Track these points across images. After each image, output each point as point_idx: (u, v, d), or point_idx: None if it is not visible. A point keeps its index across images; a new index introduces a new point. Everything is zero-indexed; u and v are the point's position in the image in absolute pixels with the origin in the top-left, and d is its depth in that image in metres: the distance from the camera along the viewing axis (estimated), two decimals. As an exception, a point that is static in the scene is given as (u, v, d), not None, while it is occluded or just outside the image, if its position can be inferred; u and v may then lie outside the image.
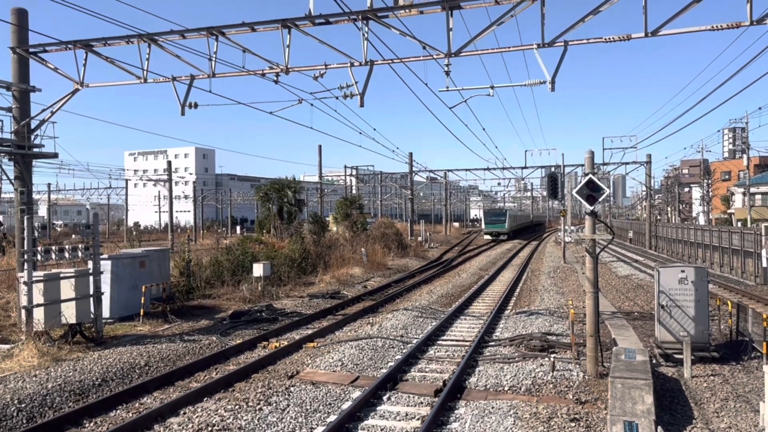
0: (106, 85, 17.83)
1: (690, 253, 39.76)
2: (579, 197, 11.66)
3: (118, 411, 10.05)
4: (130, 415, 9.82)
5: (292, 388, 11.03)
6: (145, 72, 16.25)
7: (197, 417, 9.55)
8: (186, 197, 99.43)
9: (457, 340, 15.39)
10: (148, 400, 10.63)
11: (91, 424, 9.42)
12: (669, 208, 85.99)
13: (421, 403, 10.33)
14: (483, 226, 73.39)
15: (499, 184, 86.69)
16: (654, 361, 12.35)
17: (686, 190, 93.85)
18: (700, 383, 11.12)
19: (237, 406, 10.02)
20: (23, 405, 9.90)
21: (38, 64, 17.07)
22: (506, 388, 10.94)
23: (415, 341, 14.85)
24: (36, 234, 15.00)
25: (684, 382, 11.21)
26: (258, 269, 23.35)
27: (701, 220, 73.81)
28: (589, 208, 11.66)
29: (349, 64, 15.55)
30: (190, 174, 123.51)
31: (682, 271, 12.72)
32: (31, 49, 16.68)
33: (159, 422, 9.35)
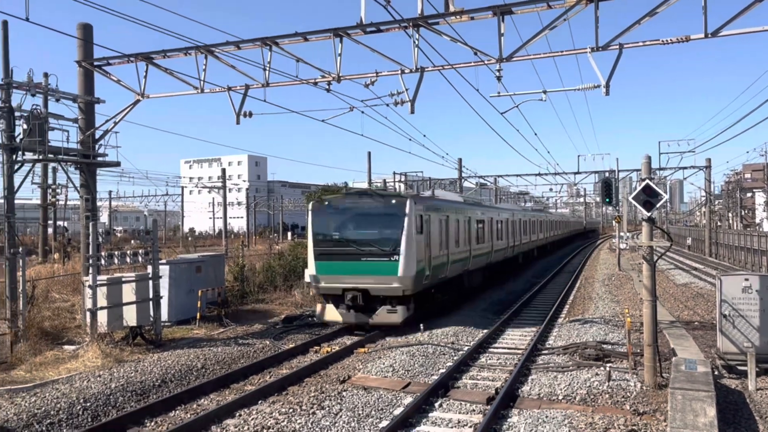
0: (165, 95, 18.45)
1: (753, 260, 38.14)
2: (635, 203, 11.39)
3: (177, 411, 10.36)
4: (189, 415, 10.11)
5: (344, 393, 11.12)
6: (202, 82, 16.73)
7: (252, 419, 9.75)
8: (239, 204, 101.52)
9: (508, 348, 15.22)
10: (205, 402, 10.92)
11: (152, 424, 9.74)
12: (730, 214, 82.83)
13: (473, 410, 10.26)
14: (311, 267, 18.02)
15: (550, 189, 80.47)
16: (716, 373, 11.92)
17: (749, 195, 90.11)
18: (766, 396, 10.67)
19: (291, 410, 10.17)
20: (88, 404, 10.31)
21: (101, 76, 17.80)
22: (560, 397, 10.76)
23: (466, 348, 14.76)
24: (100, 240, 15.62)
25: (748, 395, 10.78)
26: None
27: (765, 227, 70.78)
28: (646, 214, 11.37)
29: (399, 71, 15.63)
30: (244, 181, 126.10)
31: (746, 280, 12.24)
32: (95, 63, 17.42)
33: (216, 423, 9.60)
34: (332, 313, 17.45)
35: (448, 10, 14.15)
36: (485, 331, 17.08)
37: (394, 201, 17.44)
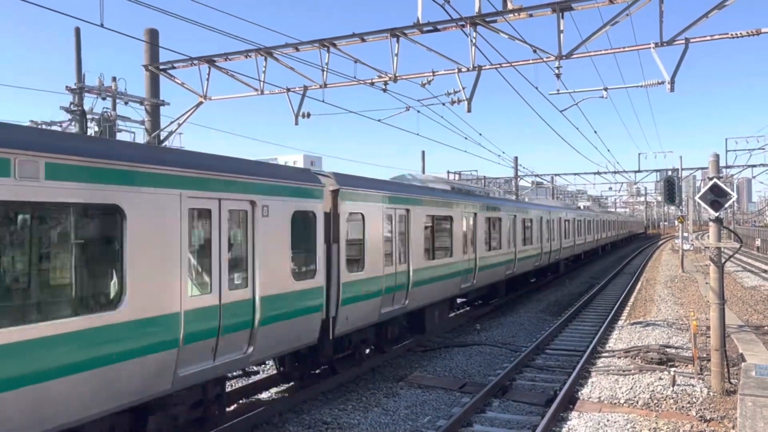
0: (226, 97, 18.92)
1: (829, 263, 36.24)
2: (702, 203, 11.03)
3: (235, 407, 10.63)
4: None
5: (400, 391, 11.19)
6: (261, 84, 17.07)
7: (310, 416, 9.92)
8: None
9: (567, 350, 14.96)
10: (265, 396, 11.17)
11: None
12: (803, 214, 78.80)
13: (532, 412, 10.16)
14: None
15: (610, 188, 77.84)
16: (788, 380, 11.41)
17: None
18: (844, 406, 10.16)
19: (349, 406, 10.31)
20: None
21: (165, 79, 18.43)
22: (622, 401, 10.52)
23: (524, 349, 14.60)
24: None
25: (824, 404, 10.29)
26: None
27: (842, 228, 67.05)
28: (714, 214, 10.99)
29: (456, 70, 15.56)
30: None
31: (822, 283, 11.67)
32: (161, 66, 18.04)
33: (277, 417, 9.82)
34: None
35: (507, 8, 13.99)
36: (543, 332, 16.86)
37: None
